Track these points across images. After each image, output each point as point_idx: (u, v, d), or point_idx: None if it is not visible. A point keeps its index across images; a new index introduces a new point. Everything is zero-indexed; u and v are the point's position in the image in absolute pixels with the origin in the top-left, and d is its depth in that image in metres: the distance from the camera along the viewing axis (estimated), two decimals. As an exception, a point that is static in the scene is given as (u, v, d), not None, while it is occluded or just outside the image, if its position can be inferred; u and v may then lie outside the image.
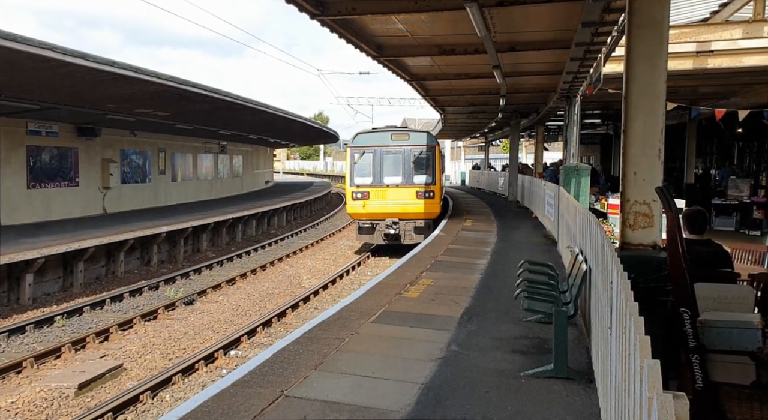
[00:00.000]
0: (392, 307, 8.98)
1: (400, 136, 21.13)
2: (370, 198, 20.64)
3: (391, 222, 20.66)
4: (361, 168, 20.87)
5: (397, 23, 11.77)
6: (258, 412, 5.21)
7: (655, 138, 6.75)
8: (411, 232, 20.54)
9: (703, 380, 4.63)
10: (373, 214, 20.80)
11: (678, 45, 12.73)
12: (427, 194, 20.50)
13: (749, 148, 25.17)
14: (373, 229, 20.90)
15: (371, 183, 20.71)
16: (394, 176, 20.75)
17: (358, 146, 21.09)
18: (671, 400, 1.65)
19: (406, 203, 20.57)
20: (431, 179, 20.64)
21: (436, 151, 21.00)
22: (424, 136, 21.40)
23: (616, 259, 4.01)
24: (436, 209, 20.89)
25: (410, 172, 20.69)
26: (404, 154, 20.74)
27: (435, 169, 20.72)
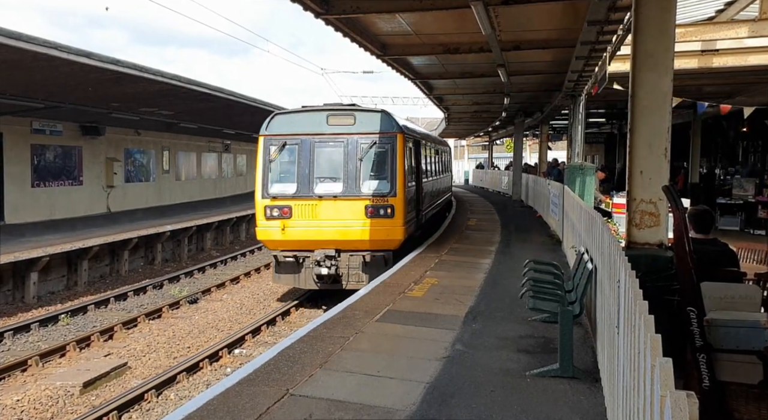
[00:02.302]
0: (397, 306, 8.98)
1: (341, 117, 13.77)
2: (293, 216, 13.44)
3: (323, 256, 13.46)
4: (279, 170, 13.87)
5: (401, 22, 11.76)
6: (263, 411, 5.21)
7: (661, 137, 6.73)
8: (357, 269, 13.43)
9: (710, 380, 4.62)
10: (299, 243, 13.61)
11: (683, 44, 12.70)
12: (383, 211, 13.24)
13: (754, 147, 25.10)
14: (299, 265, 13.75)
15: (295, 193, 13.49)
16: (331, 182, 13.57)
17: (274, 135, 13.75)
18: (685, 398, 1.64)
19: (349, 225, 13.41)
20: (389, 187, 13.37)
21: (398, 142, 13.58)
22: (378, 117, 13.81)
23: (623, 258, 4.00)
24: (396, 235, 13.50)
25: (356, 176, 13.49)
26: (347, 147, 13.56)
27: (396, 171, 13.45)
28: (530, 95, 22.20)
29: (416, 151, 16.35)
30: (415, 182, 15.60)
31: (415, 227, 15.58)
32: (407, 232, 13.98)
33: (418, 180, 16.22)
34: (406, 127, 14.95)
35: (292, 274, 13.89)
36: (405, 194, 13.62)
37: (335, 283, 13.67)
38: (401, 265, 12.56)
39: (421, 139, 17.86)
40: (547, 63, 15.79)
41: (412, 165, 15.21)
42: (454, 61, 15.73)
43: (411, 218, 14.69)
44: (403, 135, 13.77)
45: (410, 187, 14.53)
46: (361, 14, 10.70)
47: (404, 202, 13.55)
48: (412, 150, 15.37)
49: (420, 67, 17.02)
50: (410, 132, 15.45)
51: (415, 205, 15.52)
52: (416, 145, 16.42)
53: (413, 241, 15.27)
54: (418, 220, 15.98)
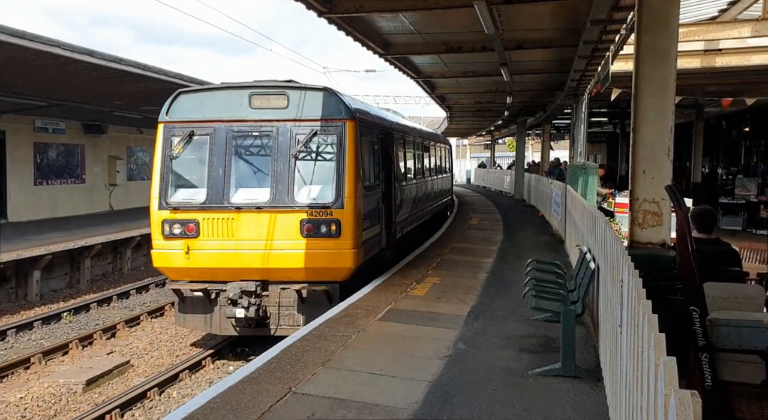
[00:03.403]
0: (399, 305, 8.98)
1: (269, 98, 10.27)
2: (200, 235, 9.98)
3: (239, 291, 9.83)
4: (183, 170, 10.39)
5: (404, 20, 11.76)
6: (266, 409, 5.23)
7: (664, 136, 6.73)
8: (291, 309, 10.06)
9: (713, 379, 4.62)
10: (209, 272, 10.12)
11: (686, 43, 12.70)
12: (325, 228, 9.82)
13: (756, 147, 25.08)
14: (211, 302, 10.20)
15: (204, 202, 10.04)
16: (255, 188, 10.19)
17: (177, 122, 10.29)
18: (689, 397, 1.65)
19: (278, 247, 9.91)
20: (334, 195, 9.91)
21: (349, 132, 10.06)
22: (320, 98, 10.23)
23: (626, 257, 4.00)
24: (343, 261, 9.98)
25: (289, 180, 10.00)
26: (278, 138, 10.08)
27: (344, 173, 9.96)
28: (533, 94, 22.19)
29: (386, 146, 13.00)
30: (382, 187, 12.08)
31: (384, 245, 12.19)
32: (362, 256, 10.24)
33: (389, 184, 12.78)
34: (364, 113, 11.38)
35: (201, 315, 10.19)
36: (358, 204, 9.96)
37: (260, 328, 10.09)
38: (404, 264, 12.52)
39: (398, 131, 14.66)
40: (550, 62, 15.79)
41: (375, 164, 11.76)
42: (456, 60, 15.73)
43: (373, 236, 11.13)
44: (355, 123, 10.10)
45: (370, 195, 10.98)
46: (364, 13, 10.70)
47: (356, 216, 9.90)
48: (378, 144, 12.07)
49: (423, 66, 17.02)
50: (371, 120, 11.95)
51: (384, 217, 12.12)
52: (387, 137, 13.10)
53: (382, 265, 12.02)
54: (390, 235, 12.66)
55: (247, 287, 9.80)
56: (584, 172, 16.20)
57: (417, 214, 16.47)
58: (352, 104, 10.64)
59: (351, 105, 10.44)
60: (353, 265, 10.01)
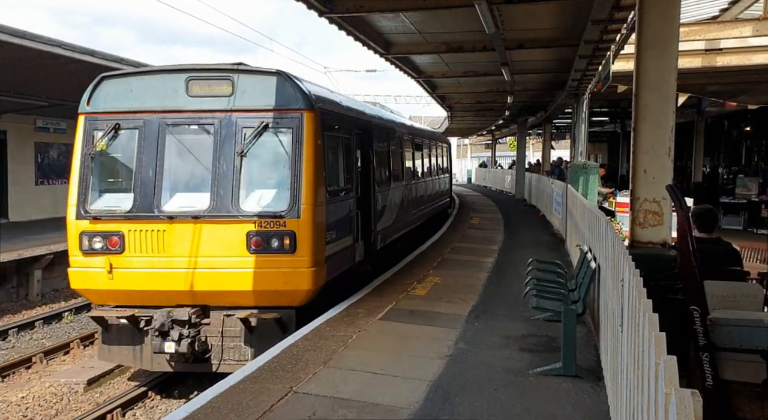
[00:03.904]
0: (399, 304, 8.99)
1: (210, 83, 8.72)
2: (126, 250, 8.45)
3: (169, 320, 8.18)
4: (106, 171, 8.95)
5: (405, 20, 11.77)
6: (267, 408, 5.23)
7: (665, 136, 6.74)
8: (237, 339, 8.40)
9: (713, 378, 4.63)
10: (136, 295, 8.55)
11: (687, 43, 12.69)
12: (277, 241, 8.25)
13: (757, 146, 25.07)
14: (140, 330, 8.55)
15: (131, 211, 8.50)
16: (192, 193, 8.66)
17: (101, 113, 8.74)
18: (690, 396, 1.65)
19: (220, 265, 8.35)
20: (289, 202, 8.32)
21: (307, 125, 8.48)
22: (273, 84, 8.66)
23: (627, 257, 4.01)
24: (300, 282, 8.35)
25: (233, 184, 8.43)
26: (220, 133, 8.55)
27: (301, 175, 8.37)
28: (533, 94, 22.20)
29: (364, 144, 11.48)
30: (357, 191, 10.60)
31: (362, 258, 10.78)
32: (324, 275, 8.59)
33: (367, 188, 11.34)
34: (329, 103, 9.59)
35: (130, 347, 8.57)
36: (318, 213, 8.40)
37: (200, 364, 8.39)
38: (405, 263, 12.51)
39: (380, 127, 13.03)
40: (551, 62, 15.79)
41: (348, 164, 10.17)
42: (457, 59, 15.74)
43: (343, 249, 9.58)
44: (315, 114, 8.47)
45: (339, 200, 9.50)
46: (365, 13, 10.71)
47: (316, 226, 8.33)
48: (352, 141, 10.51)
49: (423, 65, 17.03)
50: (340, 112, 10.15)
51: (359, 226, 10.58)
52: (365, 133, 11.50)
53: (361, 279, 10.64)
54: (368, 246, 11.20)
55: (178, 315, 8.07)
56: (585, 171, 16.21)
57: (406, 220, 15.00)
58: (313, 91, 8.92)
59: (311, 92, 8.74)
60: (312, 286, 8.28)
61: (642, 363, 2.66)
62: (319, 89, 9.66)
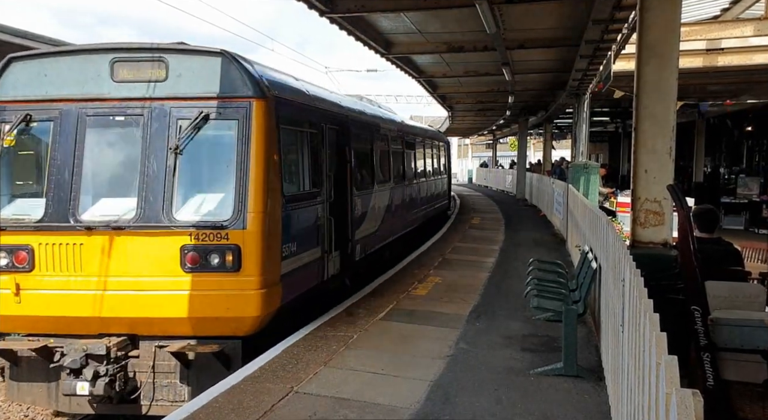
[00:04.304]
0: (400, 304, 8.99)
1: (140, 66, 7.27)
2: (36, 268, 6.96)
3: (82, 355, 6.75)
4: (13, 171, 7.48)
5: (406, 20, 11.78)
6: (268, 408, 5.24)
7: (665, 136, 6.74)
8: (171, 375, 7.00)
9: (714, 378, 4.63)
10: (51, 321, 7.02)
11: (688, 43, 12.69)
12: (218, 258, 6.81)
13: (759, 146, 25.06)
14: (48, 370, 6.97)
15: (42, 220, 7.02)
16: (115, 198, 7.28)
17: (10, 102, 7.34)
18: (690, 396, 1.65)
19: (149, 286, 6.89)
20: (233, 209, 6.89)
21: (257, 117, 7.05)
22: (216, 66, 7.17)
23: (628, 257, 4.01)
24: (246, 307, 6.85)
25: (165, 187, 7.00)
26: (150, 126, 7.13)
27: (248, 177, 6.93)
28: (534, 94, 22.20)
29: (340, 142, 10.01)
30: (330, 195, 9.22)
31: (336, 271, 9.45)
32: (279, 298, 7.19)
33: (341, 191, 9.89)
34: (289, 91, 8.22)
35: (44, 384, 7.08)
36: (271, 222, 7.01)
37: (126, 404, 7.00)
38: (406, 263, 12.51)
39: (360, 122, 11.51)
40: (552, 61, 15.79)
41: (316, 164, 8.76)
42: (458, 59, 15.75)
43: (307, 264, 8.14)
44: (268, 103, 7.13)
45: (302, 207, 8.16)
46: (365, 13, 10.73)
47: (267, 238, 6.93)
48: (322, 137, 9.04)
49: (424, 65, 17.04)
50: (304, 102, 8.63)
51: (332, 235, 9.18)
52: (341, 129, 10.05)
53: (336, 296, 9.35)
54: (345, 257, 9.94)
55: (94, 349, 6.67)
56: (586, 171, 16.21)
57: (394, 227, 13.69)
58: (268, 76, 7.51)
59: (264, 77, 7.32)
60: (261, 312, 6.81)
61: (643, 363, 2.66)
62: (277, 75, 8.23)
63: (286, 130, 7.78)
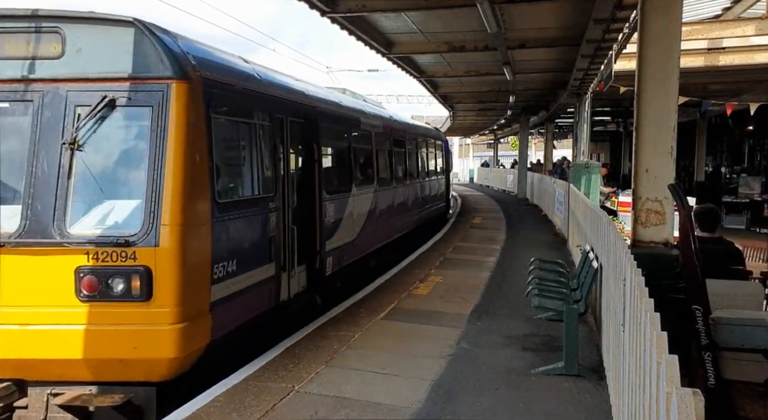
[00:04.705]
0: (401, 304, 8.99)
1: (27, 38, 5.73)
2: None
3: None
4: None
5: (407, 20, 11.79)
6: (270, 408, 5.24)
7: (667, 135, 6.74)
8: None
9: (716, 378, 4.63)
10: None
11: (689, 42, 12.68)
12: (123, 284, 5.36)
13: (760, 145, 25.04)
14: None
15: None
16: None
17: None
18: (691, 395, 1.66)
19: (36, 319, 5.41)
20: (147, 221, 5.42)
21: (178, 98, 5.57)
22: (127, 38, 5.66)
23: (629, 256, 4.01)
24: (162, 347, 5.39)
25: (58, 192, 5.50)
26: (40, 113, 5.61)
27: (162, 178, 5.46)
28: (535, 93, 22.21)
29: (304, 136, 8.65)
30: (292, 201, 8.02)
31: (302, 289, 8.33)
32: (208, 333, 5.81)
33: (308, 196, 8.65)
34: (225, 71, 6.66)
35: None
36: (193, 237, 5.66)
37: None
38: (407, 263, 12.49)
39: (334, 116, 10.01)
40: (553, 61, 15.79)
41: (262, 164, 7.16)
42: (459, 59, 15.76)
43: (252, 286, 6.67)
44: (192, 86, 5.76)
45: (244, 217, 6.64)
46: (367, 12, 10.73)
47: (186, 258, 5.54)
48: (276, 131, 7.53)
49: (425, 65, 17.04)
50: (250, 87, 7.03)
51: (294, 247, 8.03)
52: (306, 121, 8.63)
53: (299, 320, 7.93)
54: (314, 272, 8.67)
55: None
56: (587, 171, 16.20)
57: (379, 234, 12.30)
58: (196, 53, 6.08)
59: (190, 54, 5.92)
60: (180, 352, 5.43)
61: (644, 362, 2.66)
62: (215, 52, 6.73)
63: (223, 122, 6.46)
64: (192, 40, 6.40)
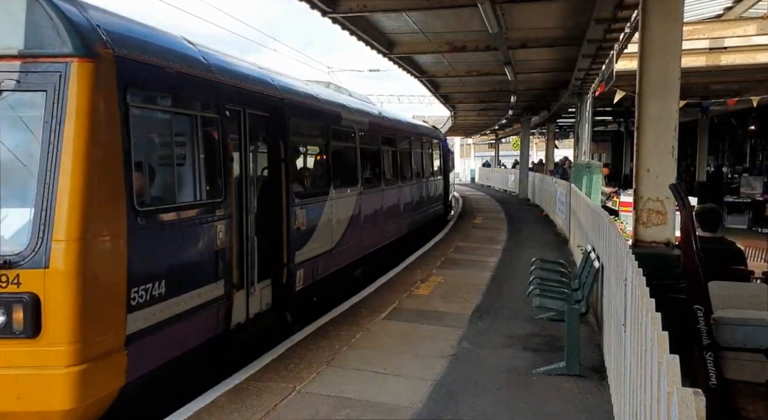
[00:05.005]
0: (403, 304, 8.99)
1: None
2: None
3: None
4: None
5: (408, 20, 11.78)
6: (271, 408, 5.24)
7: (668, 135, 6.74)
8: None
9: (717, 378, 4.63)
10: None
11: (691, 42, 12.67)
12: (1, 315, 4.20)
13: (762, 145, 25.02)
14: None
15: None
16: None
17: None
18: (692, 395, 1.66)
19: None
20: (35, 234, 4.28)
21: (79, 80, 4.43)
22: (22, 4, 4.47)
23: (630, 256, 4.01)
24: (54, 397, 4.24)
25: None
26: None
27: (54, 180, 4.32)
28: (537, 93, 22.19)
29: (269, 131, 7.67)
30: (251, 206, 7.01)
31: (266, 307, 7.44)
32: (120, 376, 4.72)
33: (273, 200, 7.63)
34: (150, 48, 5.44)
35: None
36: (99, 255, 4.57)
37: None
38: (408, 263, 12.49)
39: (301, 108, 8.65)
40: (554, 61, 15.79)
41: (207, 163, 6.10)
42: (460, 59, 15.74)
43: (191, 310, 5.64)
44: (97, 65, 4.63)
45: (180, 228, 5.61)
46: (368, 12, 10.72)
47: (86, 282, 4.40)
48: (227, 124, 6.41)
49: (426, 65, 17.04)
50: (186, 70, 5.83)
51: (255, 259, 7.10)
52: (270, 115, 7.63)
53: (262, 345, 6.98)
54: (280, 288, 7.68)
55: None
56: (588, 170, 16.19)
57: (364, 242, 11.32)
58: (109, 27, 4.95)
59: (102, 27, 4.83)
60: (80, 402, 4.38)
61: (645, 362, 2.66)
62: (137, 28, 5.53)
63: (148, 112, 5.42)
64: (111, 12, 5.25)
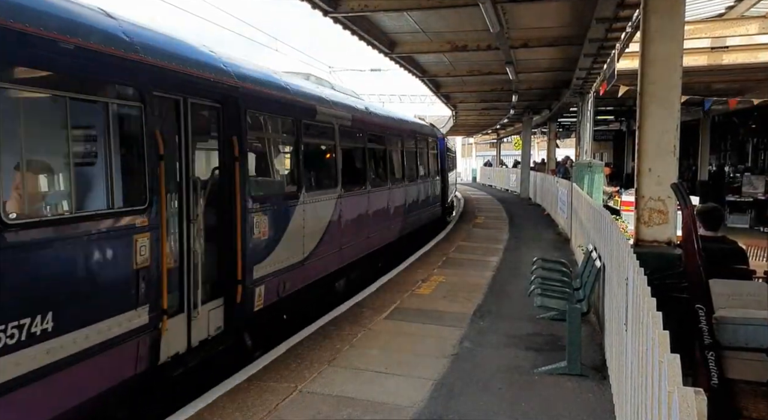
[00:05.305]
0: (404, 303, 8.99)
1: None
2: None
3: None
4: None
5: (409, 20, 11.78)
6: (273, 407, 5.25)
7: (670, 134, 6.73)
8: None
9: (719, 377, 4.62)
10: None
11: (692, 41, 12.65)
12: None
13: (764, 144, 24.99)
14: None
15: None
16: None
17: None
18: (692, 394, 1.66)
19: None
20: None
21: None
22: None
23: (632, 256, 4.00)
24: None
25: None
26: None
27: None
28: (538, 93, 22.18)
29: (223, 125, 6.54)
30: (181, 214, 5.85)
31: (214, 333, 6.34)
32: None
33: (226, 205, 6.56)
34: (25, 11, 4.04)
35: None
36: None
37: None
38: (410, 263, 12.49)
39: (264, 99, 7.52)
40: (556, 60, 15.77)
41: (124, 162, 5.09)
42: (462, 58, 15.74)
43: (100, 347, 4.55)
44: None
45: (80, 243, 4.46)
46: (369, 12, 10.72)
47: None
48: (157, 116, 5.37)
49: (428, 65, 17.04)
50: (88, 42, 4.55)
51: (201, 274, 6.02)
52: (222, 106, 6.50)
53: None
54: (234, 307, 6.56)
55: None
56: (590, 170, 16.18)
57: (344, 250, 10.14)
58: None
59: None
60: None
61: (646, 361, 2.66)
62: None
63: (24, 98, 4.30)
64: None
